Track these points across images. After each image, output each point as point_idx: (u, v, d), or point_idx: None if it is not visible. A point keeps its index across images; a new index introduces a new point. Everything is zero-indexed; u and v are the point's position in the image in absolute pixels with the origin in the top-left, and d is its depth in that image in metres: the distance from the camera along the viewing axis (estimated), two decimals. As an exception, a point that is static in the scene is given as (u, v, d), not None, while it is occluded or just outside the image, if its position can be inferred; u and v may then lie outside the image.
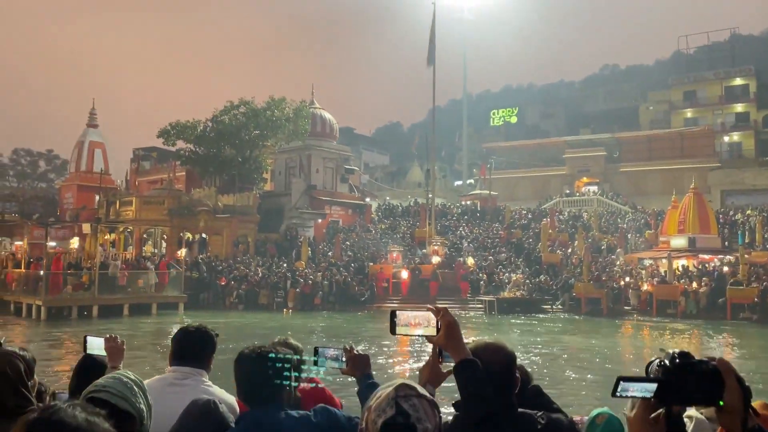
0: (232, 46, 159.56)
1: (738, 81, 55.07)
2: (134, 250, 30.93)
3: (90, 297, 24.26)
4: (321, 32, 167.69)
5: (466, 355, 1.74)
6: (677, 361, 1.51)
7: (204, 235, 32.45)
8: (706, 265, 27.91)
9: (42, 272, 24.18)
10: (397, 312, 1.85)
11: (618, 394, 1.52)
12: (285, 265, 30.00)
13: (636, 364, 14.61)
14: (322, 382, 2.80)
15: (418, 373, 1.94)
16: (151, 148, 47.64)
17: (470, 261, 30.61)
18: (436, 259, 30.41)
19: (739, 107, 54.06)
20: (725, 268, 26.63)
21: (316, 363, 2.35)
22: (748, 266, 25.74)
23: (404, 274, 29.05)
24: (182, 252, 29.42)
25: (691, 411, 2.01)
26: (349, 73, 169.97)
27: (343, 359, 2.19)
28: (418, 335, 1.85)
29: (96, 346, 2.62)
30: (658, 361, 1.57)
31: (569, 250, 32.65)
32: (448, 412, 1.80)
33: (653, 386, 1.50)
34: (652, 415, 1.52)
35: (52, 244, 36.93)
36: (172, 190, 33.64)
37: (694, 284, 25.98)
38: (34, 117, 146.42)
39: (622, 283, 27.82)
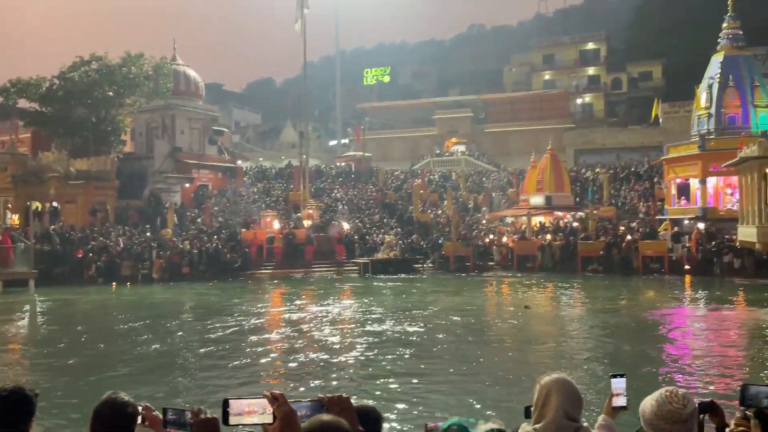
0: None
1: (591, 45, 59.04)
2: (-28, 223, 27.72)
3: None
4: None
5: None
6: None
7: (55, 204, 29.77)
8: (561, 222, 30.19)
9: None
10: (230, 401, 1.77)
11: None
12: (149, 233, 28.42)
13: (498, 317, 15.59)
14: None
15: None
16: (-11, 104, 42.50)
17: (345, 225, 30.77)
18: (307, 223, 30.23)
19: (591, 70, 58.14)
20: (576, 224, 28.95)
21: (165, 426, 2.17)
22: (596, 221, 28.15)
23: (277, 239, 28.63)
24: (14, 218, 27.05)
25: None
26: (216, 25, 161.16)
27: (190, 420, 2.01)
28: (254, 423, 1.77)
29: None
30: None
31: (439, 210, 33.86)
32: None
33: None
34: None
35: None
36: (16, 154, 30.31)
37: (549, 237, 28.07)
38: None
39: (487, 240, 29.45)
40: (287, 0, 32.75)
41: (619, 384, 2.45)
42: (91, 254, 25.93)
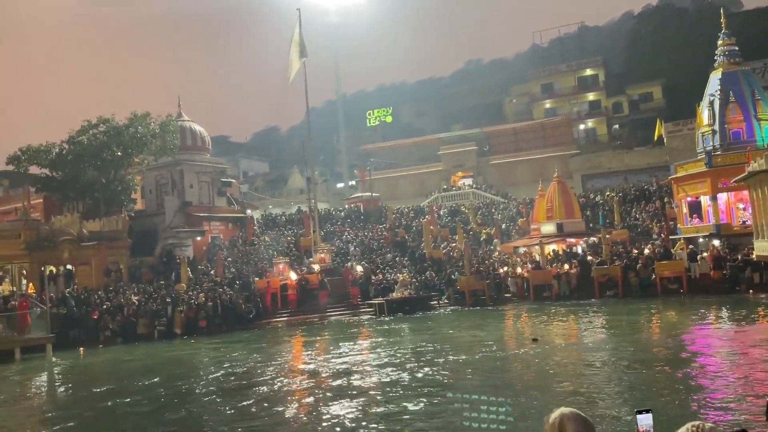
0: (83, 61, 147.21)
1: (588, 71, 59.59)
2: (-11, 291, 27.92)
3: (-62, 350, 21.56)
4: (182, 41, 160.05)
5: None
6: None
7: (70, 267, 30.02)
8: (574, 248, 29.93)
9: None
10: None
11: None
12: (162, 290, 28.46)
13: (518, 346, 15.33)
14: None
15: None
16: (1, 173, 43.44)
17: (358, 268, 30.66)
18: (317, 268, 30.11)
19: (591, 96, 58.55)
20: (589, 250, 28.66)
21: None
22: (609, 245, 27.88)
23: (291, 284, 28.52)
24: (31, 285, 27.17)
25: None
26: (218, 80, 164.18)
27: None
28: None
29: None
30: None
31: (451, 245, 33.70)
32: None
33: None
34: None
35: None
36: (29, 221, 30.72)
37: (565, 267, 27.78)
38: None
39: (501, 272, 29.20)
40: (285, 54, 33.33)
41: (645, 420, 2.35)
42: (106, 315, 25.96)
